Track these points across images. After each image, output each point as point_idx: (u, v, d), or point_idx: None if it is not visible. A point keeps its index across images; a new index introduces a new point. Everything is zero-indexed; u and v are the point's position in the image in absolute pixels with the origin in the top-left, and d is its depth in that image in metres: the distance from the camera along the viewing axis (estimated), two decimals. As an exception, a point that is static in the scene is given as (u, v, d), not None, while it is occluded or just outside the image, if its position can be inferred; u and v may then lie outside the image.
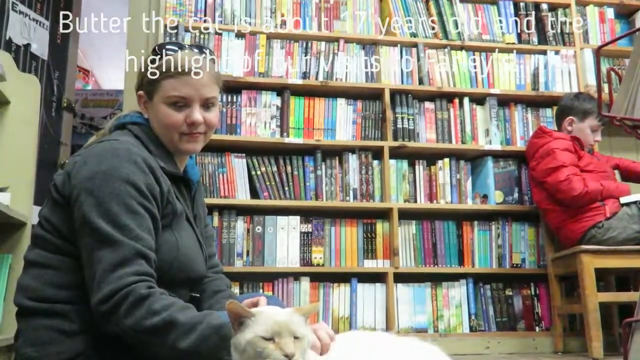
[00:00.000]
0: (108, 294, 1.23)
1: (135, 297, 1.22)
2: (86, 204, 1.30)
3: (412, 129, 3.32)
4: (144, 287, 1.24)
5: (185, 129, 1.50)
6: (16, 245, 2.02)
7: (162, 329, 1.19)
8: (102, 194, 1.31)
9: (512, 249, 3.27)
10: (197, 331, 1.19)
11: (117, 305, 1.21)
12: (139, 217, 1.32)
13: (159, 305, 1.22)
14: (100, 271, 1.25)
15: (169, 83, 1.49)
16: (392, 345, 1.21)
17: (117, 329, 1.23)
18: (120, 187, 1.32)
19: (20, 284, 1.41)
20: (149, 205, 1.36)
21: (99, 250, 1.27)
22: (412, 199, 3.27)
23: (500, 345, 3.08)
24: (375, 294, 3.10)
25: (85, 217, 1.29)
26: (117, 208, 1.29)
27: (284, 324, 0.99)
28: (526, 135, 3.42)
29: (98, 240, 1.28)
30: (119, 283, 1.24)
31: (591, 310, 2.65)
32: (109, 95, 5.13)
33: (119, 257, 1.27)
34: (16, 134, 2.14)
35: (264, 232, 3.07)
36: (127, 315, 1.21)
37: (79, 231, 1.31)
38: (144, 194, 1.35)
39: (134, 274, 1.26)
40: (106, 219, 1.29)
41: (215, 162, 3.09)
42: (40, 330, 1.34)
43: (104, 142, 1.43)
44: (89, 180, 1.33)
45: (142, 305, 1.21)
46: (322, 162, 3.20)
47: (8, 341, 1.78)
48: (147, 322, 1.20)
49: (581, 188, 2.82)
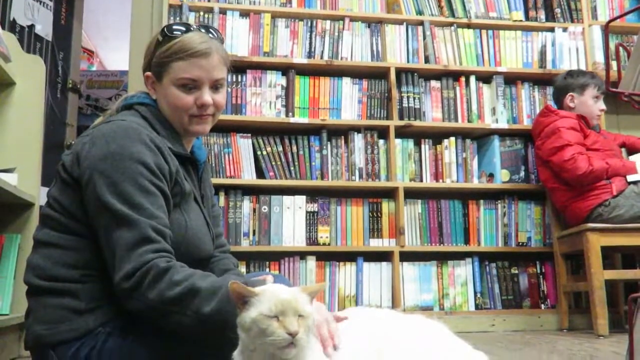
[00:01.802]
0: (130, 271, 1.25)
1: (157, 271, 1.24)
2: (99, 186, 1.31)
3: (418, 108, 3.31)
4: (163, 261, 1.26)
5: (195, 111, 1.51)
6: (24, 225, 2.04)
7: (185, 298, 1.21)
8: (114, 174, 1.32)
9: (518, 228, 3.27)
10: (218, 295, 1.21)
11: (140, 281, 1.23)
12: (152, 195, 1.34)
13: (180, 276, 1.24)
14: (120, 250, 1.27)
15: (179, 65, 1.48)
16: (397, 321, 1.22)
17: (140, 304, 1.24)
18: (131, 166, 1.33)
19: (30, 263, 1.42)
20: (161, 184, 1.37)
21: (117, 230, 1.29)
22: (418, 178, 3.27)
23: (506, 323, 3.10)
24: (381, 272, 3.11)
25: (99, 198, 1.30)
26: (130, 188, 1.31)
27: (288, 303, 1.00)
28: (533, 113, 3.40)
29: (114, 220, 1.29)
30: (139, 260, 1.26)
31: (597, 287, 2.66)
32: (114, 77, 5.12)
33: (136, 235, 1.28)
34: (22, 115, 2.15)
35: (270, 211, 3.08)
36: (150, 289, 1.23)
37: (94, 212, 1.32)
38: (155, 173, 1.36)
39: (153, 252, 1.28)
40: (120, 199, 1.30)
41: (221, 142, 3.09)
42: (50, 309, 1.36)
43: (112, 123, 1.43)
44: (100, 161, 1.33)
45: (164, 278, 1.24)
46: (327, 142, 3.19)
47: (19, 319, 1.80)
48: (170, 293, 1.22)
49: (586, 167, 2.81)
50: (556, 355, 1.98)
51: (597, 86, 3.05)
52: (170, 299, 1.22)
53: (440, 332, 1.23)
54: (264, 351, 1.00)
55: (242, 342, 1.04)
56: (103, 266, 1.39)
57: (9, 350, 1.88)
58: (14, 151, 2.10)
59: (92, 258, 1.38)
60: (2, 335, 1.79)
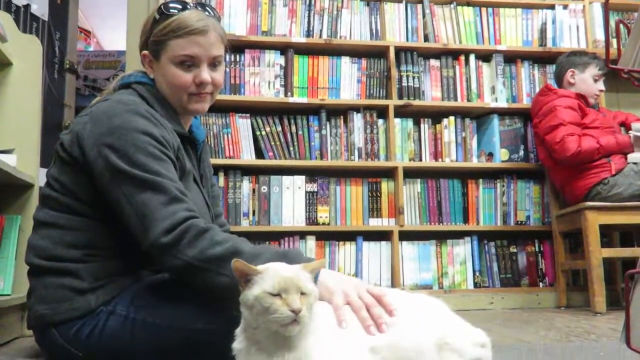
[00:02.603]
0: (168, 227, 1.26)
1: (197, 230, 1.26)
2: (112, 159, 1.32)
3: (417, 87, 3.29)
4: (202, 221, 1.28)
5: (193, 89, 1.51)
6: (24, 206, 2.04)
7: (226, 257, 1.21)
8: (124, 146, 1.32)
9: (517, 207, 3.28)
10: (262, 258, 1.22)
11: (179, 238, 1.25)
12: (166, 163, 1.36)
13: (221, 237, 1.26)
14: (151, 210, 1.28)
15: (177, 43, 1.48)
16: (401, 298, 1.24)
17: (177, 261, 1.25)
18: (139, 137, 1.34)
19: (31, 243, 1.43)
20: (169, 153, 1.39)
21: (141, 194, 1.29)
22: (417, 158, 3.27)
23: (504, 301, 3.12)
24: (380, 252, 3.13)
25: (115, 168, 1.31)
26: (143, 158, 1.32)
27: (290, 280, 1.00)
28: (532, 92, 3.39)
29: (137, 186, 1.30)
30: (175, 218, 1.27)
31: (595, 265, 2.68)
32: (111, 57, 5.08)
33: (164, 196, 1.30)
34: (19, 96, 2.14)
35: (270, 191, 3.08)
36: (190, 246, 1.24)
37: (110, 184, 1.32)
38: (162, 143, 1.38)
39: (185, 210, 1.30)
40: (137, 167, 1.31)
41: (220, 122, 3.09)
42: (52, 288, 1.37)
43: (111, 100, 1.43)
44: (106, 136, 1.34)
45: (205, 237, 1.25)
46: (326, 122, 3.19)
47: (21, 300, 1.82)
48: (211, 252, 1.23)
49: (574, 148, 2.81)
50: (554, 332, 2.00)
51: (599, 66, 3.06)
52: (212, 258, 1.23)
53: (440, 309, 1.25)
54: (267, 328, 1.01)
55: (245, 319, 1.05)
56: (104, 245, 1.40)
57: (11, 330, 1.89)
58: (13, 132, 2.09)
59: (93, 237, 1.39)
60: (4, 316, 1.80)
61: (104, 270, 1.39)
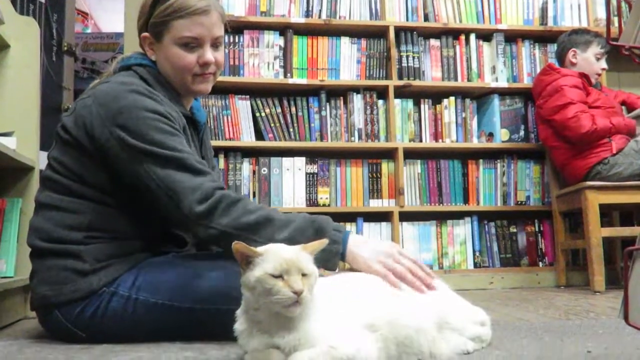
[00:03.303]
0: (200, 198, 1.30)
1: (230, 200, 1.31)
2: (126, 138, 1.33)
3: (418, 67, 3.28)
4: (232, 192, 1.35)
5: (197, 70, 1.51)
6: (25, 189, 2.04)
7: (259, 225, 1.28)
8: (136, 126, 1.34)
9: (517, 187, 3.29)
10: (292, 225, 1.29)
11: (213, 207, 1.30)
12: (179, 138, 1.38)
13: (253, 207, 1.32)
14: (178, 184, 1.31)
15: (180, 24, 1.47)
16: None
17: (212, 230, 1.30)
18: (149, 116, 1.35)
19: (33, 225, 1.44)
20: (179, 128, 1.41)
21: (164, 170, 1.32)
22: (418, 139, 3.26)
23: (504, 281, 3.14)
24: (381, 232, 3.14)
25: (133, 147, 1.32)
26: (158, 135, 1.34)
27: (291, 262, 1.01)
28: (533, 72, 3.37)
29: (158, 162, 1.33)
30: (205, 188, 1.32)
31: (594, 245, 2.69)
32: (109, 39, 5.05)
33: (187, 170, 1.33)
34: (18, 78, 2.13)
35: (270, 173, 3.08)
36: (224, 215, 1.29)
37: (130, 164, 1.34)
38: (171, 119, 1.40)
39: (211, 181, 1.35)
40: (153, 144, 1.33)
41: (220, 104, 3.08)
42: (54, 270, 1.38)
43: (112, 82, 1.43)
44: (116, 116, 1.35)
45: (237, 206, 1.30)
46: (326, 103, 3.18)
47: (24, 282, 1.83)
48: (244, 219, 1.29)
49: (589, 125, 2.80)
50: (553, 311, 2.01)
51: (601, 45, 3.03)
52: (245, 225, 1.28)
53: (440, 289, 1.26)
54: (269, 310, 1.01)
55: (246, 301, 1.06)
56: (105, 228, 1.41)
57: (15, 312, 1.91)
58: (12, 115, 2.08)
59: (94, 220, 1.40)
60: (8, 298, 1.82)
61: (106, 252, 1.40)
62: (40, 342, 1.45)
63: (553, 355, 1.17)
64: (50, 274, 1.38)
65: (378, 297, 1.13)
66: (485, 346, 1.24)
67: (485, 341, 1.25)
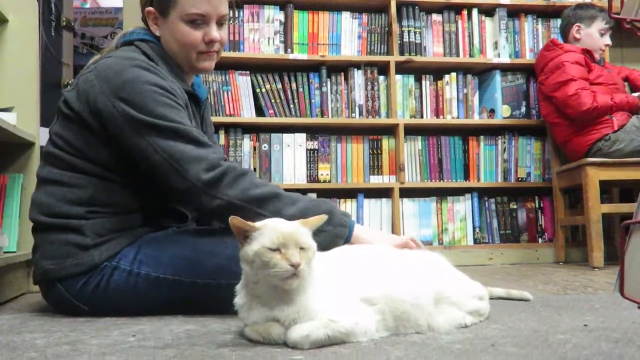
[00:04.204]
0: (206, 167, 1.31)
1: (238, 172, 1.32)
2: (130, 111, 1.34)
3: (419, 42, 3.25)
4: (239, 165, 1.36)
5: (203, 48, 1.51)
6: (26, 165, 2.05)
7: (267, 199, 1.30)
8: (139, 99, 1.34)
9: (518, 163, 3.29)
10: (300, 203, 1.31)
11: (220, 177, 1.30)
12: (181, 112, 1.39)
13: (259, 181, 1.33)
14: (183, 154, 1.32)
15: (188, 0, 1.47)
16: (397, 252, 1.26)
17: (217, 201, 1.30)
18: (152, 89, 1.36)
19: (34, 200, 1.45)
20: (181, 102, 1.41)
21: (168, 141, 1.33)
22: (419, 115, 3.25)
23: (503, 257, 3.16)
24: (381, 209, 3.15)
25: (137, 120, 1.33)
26: (161, 109, 1.34)
27: (289, 235, 1.02)
28: (536, 47, 3.34)
29: (162, 134, 1.33)
30: (210, 159, 1.32)
31: (594, 221, 2.70)
32: (108, 14, 5.00)
33: (191, 142, 1.34)
34: (17, 54, 2.11)
35: (271, 149, 3.08)
36: (231, 186, 1.30)
37: (133, 137, 1.34)
38: (174, 94, 1.40)
39: (216, 153, 1.35)
40: (155, 117, 1.33)
41: (220, 80, 3.06)
42: (56, 245, 1.39)
43: (115, 57, 1.43)
44: (119, 90, 1.35)
45: (245, 179, 1.31)
46: (327, 79, 3.16)
47: (26, 256, 1.84)
48: (252, 192, 1.30)
49: (590, 103, 2.79)
50: (551, 286, 2.03)
51: (605, 20, 3.01)
52: (253, 198, 1.29)
53: (439, 263, 1.27)
54: (267, 283, 1.03)
55: (245, 275, 1.07)
56: (106, 202, 1.42)
57: (18, 286, 1.93)
58: (11, 91, 2.08)
59: (95, 195, 1.40)
60: (11, 272, 1.83)
61: (107, 227, 1.41)
62: (43, 315, 1.47)
63: (550, 328, 1.18)
64: (52, 248, 1.39)
65: (375, 270, 1.14)
66: (483, 320, 1.26)
67: (484, 315, 1.26)
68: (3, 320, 1.40)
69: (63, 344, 1.09)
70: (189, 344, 1.07)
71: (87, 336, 1.17)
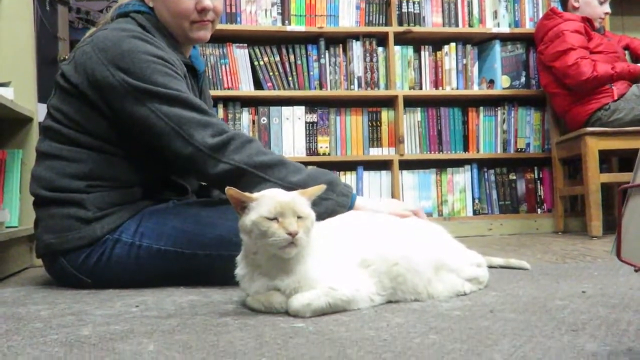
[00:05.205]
0: (213, 133, 1.32)
1: (243, 138, 1.33)
2: (130, 81, 1.34)
3: (418, 12, 3.21)
4: (245, 134, 1.36)
5: (195, 16, 1.50)
6: (25, 140, 2.05)
7: (273, 165, 1.31)
8: (139, 69, 1.34)
9: (517, 134, 3.28)
10: (305, 172, 1.34)
11: (226, 142, 1.31)
12: (181, 82, 1.39)
13: (265, 149, 1.35)
14: (188, 120, 1.32)
15: None
16: (396, 220, 1.27)
17: (223, 165, 1.31)
18: (151, 59, 1.36)
19: (34, 174, 1.45)
20: (180, 72, 1.41)
21: (172, 108, 1.33)
22: (418, 86, 3.24)
23: (503, 227, 3.18)
24: (381, 181, 3.16)
25: (138, 88, 1.33)
26: (161, 78, 1.34)
27: (286, 205, 1.02)
28: (536, 16, 3.31)
29: (165, 102, 1.33)
30: (216, 126, 1.33)
31: (592, 190, 2.71)
32: (103, -13, 4.93)
33: (194, 109, 1.35)
34: (12, 29, 2.10)
35: (270, 122, 3.07)
36: (237, 151, 1.31)
37: (134, 105, 1.34)
38: (172, 64, 1.40)
39: (220, 120, 1.37)
40: (159, 86, 1.33)
41: (217, 53, 3.04)
42: (58, 218, 1.40)
43: (111, 29, 1.42)
44: (118, 60, 1.34)
45: (251, 146, 1.33)
46: (325, 51, 3.13)
47: (29, 231, 1.86)
48: (258, 158, 1.31)
49: (589, 72, 2.77)
50: (550, 255, 2.05)
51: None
52: (259, 163, 1.31)
53: (437, 232, 1.28)
54: (266, 252, 1.04)
55: (245, 245, 1.08)
56: (106, 176, 1.42)
57: (21, 261, 1.94)
58: (8, 66, 2.06)
59: (95, 168, 1.41)
60: (14, 247, 1.85)
61: (108, 200, 1.41)
62: (47, 288, 1.48)
63: (548, 295, 1.20)
64: (54, 222, 1.40)
65: (372, 234, 1.15)
66: (482, 288, 1.27)
67: (483, 283, 1.28)
68: (7, 293, 1.42)
69: (67, 315, 1.11)
70: (192, 314, 1.09)
71: (91, 307, 1.18)
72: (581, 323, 0.94)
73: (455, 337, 0.86)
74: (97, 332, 0.95)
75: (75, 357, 0.81)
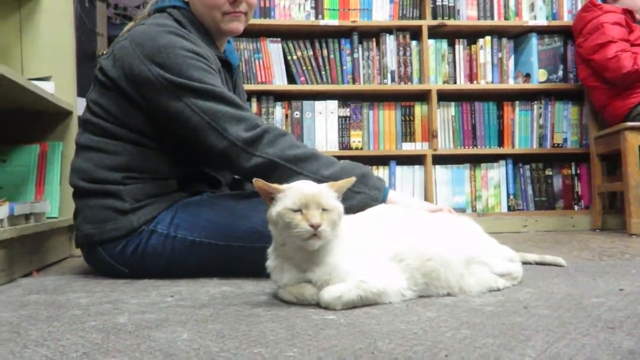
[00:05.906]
0: (247, 127, 1.35)
1: (277, 132, 1.36)
2: (166, 75, 1.37)
3: (452, 5, 3.18)
4: (279, 127, 1.40)
5: (227, 8, 1.52)
6: (65, 133, 2.10)
7: (305, 159, 1.34)
8: (175, 63, 1.37)
9: (554, 129, 3.22)
10: (338, 165, 1.37)
11: (260, 135, 1.34)
12: (216, 77, 1.42)
13: (298, 143, 1.37)
14: (222, 114, 1.35)
15: None
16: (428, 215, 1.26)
17: (257, 159, 1.33)
18: (187, 54, 1.38)
19: (74, 166, 1.49)
20: (214, 67, 1.44)
21: (206, 102, 1.36)
22: (452, 80, 3.20)
23: (538, 224, 3.12)
24: (413, 176, 3.14)
25: (174, 83, 1.36)
26: (197, 73, 1.37)
27: (311, 197, 1.02)
28: (574, 8, 3.23)
29: (200, 96, 1.36)
30: (250, 120, 1.36)
31: (632, 187, 2.64)
32: (140, -17, 5.01)
33: (229, 103, 1.37)
34: (53, 25, 2.15)
35: (302, 117, 3.08)
36: (270, 145, 1.34)
37: (170, 99, 1.37)
38: (207, 59, 1.42)
39: (254, 115, 1.40)
40: (194, 81, 1.36)
41: (251, 47, 3.06)
42: (96, 209, 1.43)
43: (148, 24, 1.45)
44: (155, 55, 1.37)
45: (284, 139, 1.35)
46: (358, 45, 3.12)
47: (68, 222, 1.91)
48: (291, 152, 1.33)
49: (630, 65, 2.70)
50: (587, 252, 2.00)
51: None
52: (292, 157, 1.33)
53: (471, 227, 1.27)
54: (292, 244, 1.04)
55: (274, 237, 1.10)
56: (142, 168, 1.45)
57: (60, 251, 2.00)
58: (48, 61, 2.12)
59: (131, 161, 1.44)
60: (54, 237, 1.90)
61: (144, 192, 1.44)
62: (86, 277, 1.52)
63: (584, 292, 1.18)
64: (92, 212, 1.44)
65: (405, 229, 1.14)
66: (516, 284, 1.25)
67: (516, 279, 1.26)
68: (48, 281, 1.46)
69: (105, 303, 1.14)
70: (225, 304, 1.10)
71: (127, 296, 1.21)
72: (618, 321, 0.92)
73: (487, 332, 0.85)
74: (133, 320, 0.97)
75: (112, 343, 0.83)
